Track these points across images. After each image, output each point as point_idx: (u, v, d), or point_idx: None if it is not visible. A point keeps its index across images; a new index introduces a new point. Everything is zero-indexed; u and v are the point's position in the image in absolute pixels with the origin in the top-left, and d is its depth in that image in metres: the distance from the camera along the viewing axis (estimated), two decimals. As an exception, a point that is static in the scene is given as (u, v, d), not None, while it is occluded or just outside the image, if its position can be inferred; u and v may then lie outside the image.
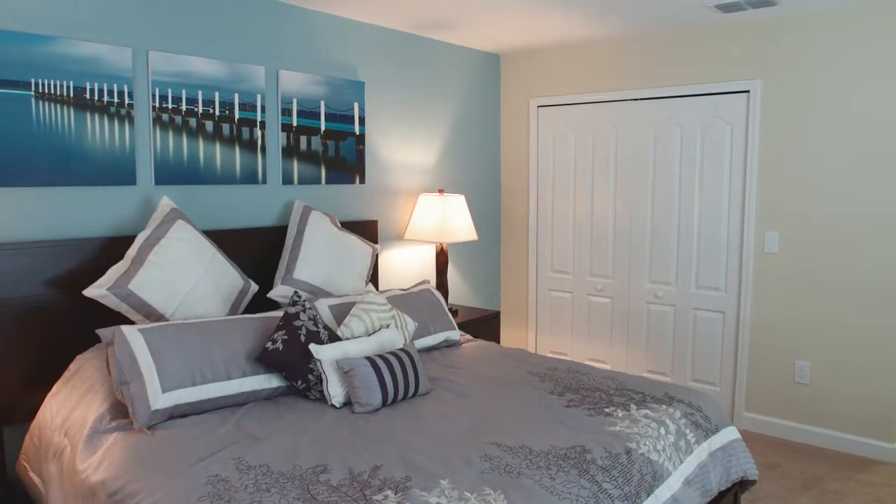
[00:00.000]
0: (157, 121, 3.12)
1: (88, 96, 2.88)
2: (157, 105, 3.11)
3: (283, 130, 3.66)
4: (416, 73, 4.49)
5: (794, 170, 4.02)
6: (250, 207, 3.55)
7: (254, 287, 3.20)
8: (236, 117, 3.43)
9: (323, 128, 3.87)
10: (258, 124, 3.53)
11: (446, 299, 4.32)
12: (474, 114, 5.02)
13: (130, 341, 2.46)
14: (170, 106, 3.16)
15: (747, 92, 4.14)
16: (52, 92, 2.76)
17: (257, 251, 3.50)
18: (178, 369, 2.47)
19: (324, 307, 3.21)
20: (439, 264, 4.36)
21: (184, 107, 3.21)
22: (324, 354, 2.69)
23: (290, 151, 3.71)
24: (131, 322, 2.99)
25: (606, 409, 2.61)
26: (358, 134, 4.07)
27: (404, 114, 4.43)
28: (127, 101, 3.00)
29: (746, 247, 4.20)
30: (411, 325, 3.25)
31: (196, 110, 3.26)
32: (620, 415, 2.56)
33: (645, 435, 2.39)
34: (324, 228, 3.53)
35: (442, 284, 4.37)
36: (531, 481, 2.00)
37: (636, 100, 4.59)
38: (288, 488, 1.94)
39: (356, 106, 4.03)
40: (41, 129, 2.74)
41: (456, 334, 3.61)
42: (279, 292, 3.30)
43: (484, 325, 4.38)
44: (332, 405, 2.64)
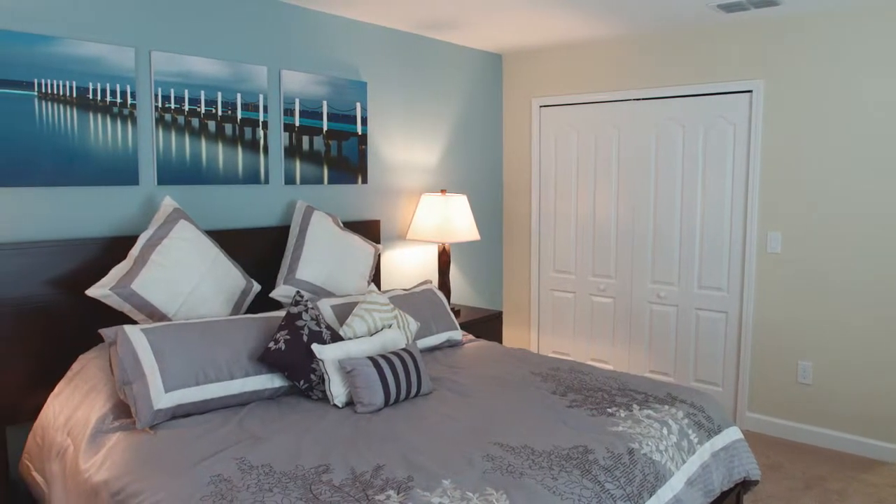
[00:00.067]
0: (160, 121, 3.12)
1: (91, 96, 2.88)
2: (160, 105, 3.12)
3: (285, 130, 3.66)
4: (419, 73, 4.49)
5: (797, 169, 4.01)
6: (253, 207, 3.55)
7: (256, 287, 3.21)
8: (239, 117, 3.43)
9: (325, 128, 3.87)
10: (261, 124, 3.53)
11: (448, 299, 4.32)
12: (476, 114, 5.02)
13: (133, 341, 2.47)
14: (172, 106, 3.16)
15: (750, 92, 4.14)
16: (55, 92, 2.77)
17: (260, 251, 3.50)
18: (181, 369, 2.47)
19: (326, 307, 3.21)
20: (441, 264, 4.36)
21: (186, 107, 3.21)
22: (326, 354, 2.69)
23: (292, 151, 3.71)
24: (134, 322, 2.99)
25: (609, 410, 2.61)
26: (360, 134, 4.07)
27: (406, 114, 4.43)
28: (130, 101, 3.01)
29: (749, 247, 4.19)
30: (413, 325, 3.25)
31: (198, 110, 3.26)
32: (623, 415, 2.56)
33: (647, 435, 2.39)
34: (326, 228, 3.53)
35: (444, 284, 4.37)
36: (533, 481, 1.99)
37: (638, 100, 4.59)
38: (290, 488, 1.94)
39: (358, 106, 4.04)
40: (44, 130, 2.75)
41: (458, 334, 3.61)
42: (281, 292, 3.30)
43: (486, 325, 4.38)
44: (335, 405, 2.64)
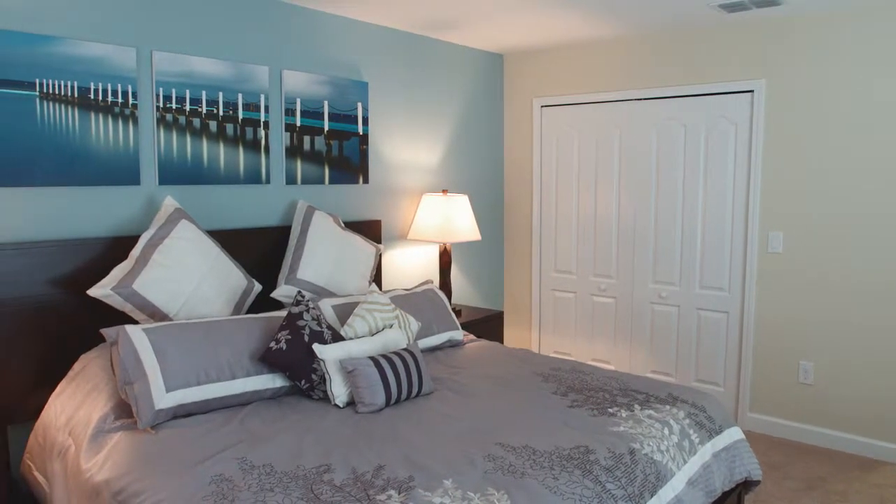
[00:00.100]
0: (161, 121, 3.12)
1: (93, 96, 2.88)
2: (161, 105, 3.12)
3: (286, 130, 3.66)
4: (420, 73, 4.49)
5: (799, 169, 4.01)
6: (254, 207, 3.55)
7: (257, 287, 3.21)
8: (240, 117, 3.43)
9: (326, 128, 3.87)
10: (262, 124, 3.54)
11: (450, 299, 4.32)
12: (478, 114, 5.02)
13: (134, 341, 2.47)
14: (174, 106, 3.16)
15: (751, 92, 4.13)
16: (56, 92, 2.77)
17: (261, 251, 3.51)
18: (182, 369, 2.47)
19: (327, 307, 3.21)
20: (443, 264, 4.36)
21: (188, 107, 3.21)
22: (327, 354, 2.69)
23: (293, 151, 3.71)
24: (135, 322, 3.00)
25: (610, 410, 2.61)
26: (361, 134, 4.07)
27: (408, 114, 4.43)
28: (131, 101, 3.01)
29: (750, 247, 4.19)
30: (415, 325, 3.25)
31: (200, 110, 3.26)
32: (624, 415, 2.56)
33: (648, 435, 2.39)
34: (327, 228, 3.53)
35: (445, 284, 4.37)
36: (535, 481, 1.99)
37: (640, 99, 4.58)
38: (291, 488, 1.94)
39: (360, 106, 4.04)
40: (45, 129, 2.75)
41: (459, 334, 3.61)
42: (283, 292, 3.30)
43: (487, 325, 4.38)
44: (336, 405, 2.64)
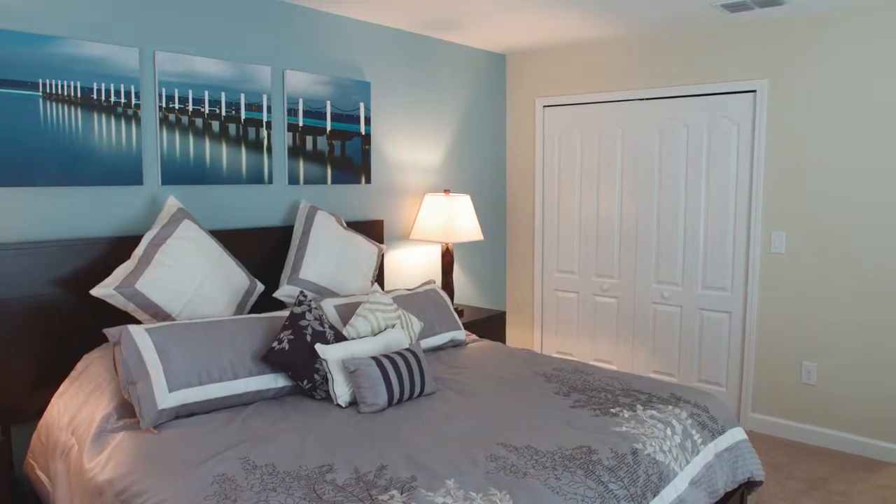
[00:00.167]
0: (164, 121, 3.13)
1: (95, 96, 2.89)
2: (164, 105, 3.12)
3: (289, 130, 3.67)
4: (422, 73, 4.49)
5: (801, 169, 4.00)
6: (256, 207, 3.56)
7: (260, 287, 3.21)
8: (242, 117, 3.44)
9: (329, 128, 3.87)
10: (264, 124, 3.54)
11: (452, 299, 4.32)
12: (480, 114, 5.02)
13: (137, 341, 2.47)
14: (176, 106, 3.17)
15: (754, 91, 4.13)
16: (59, 92, 2.78)
17: (263, 251, 3.51)
18: (185, 369, 2.48)
19: (329, 307, 3.21)
20: (445, 264, 4.36)
21: (190, 107, 3.22)
22: (329, 354, 2.69)
23: (296, 151, 3.71)
24: (138, 321, 3.00)
25: (612, 410, 2.61)
26: (364, 134, 4.07)
27: (410, 114, 4.43)
28: (134, 101, 3.01)
29: (753, 247, 4.18)
30: (417, 325, 3.25)
31: (202, 110, 3.26)
32: (626, 415, 2.55)
33: (651, 435, 2.39)
34: (330, 228, 3.54)
35: (447, 284, 4.37)
36: (537, 482, 1.99)
37: (642, 99, 4.58)
38: (294, 488, 1.94)
39: (362, 106, 4.04)
40: (49, 130, 2.76)
41: (461, 334, 3.61)
42: (285, 292, 3.30)
43: (489, 325, 4.38)
44: (338, 405, 2.64)
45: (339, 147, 3.93)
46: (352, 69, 4.00)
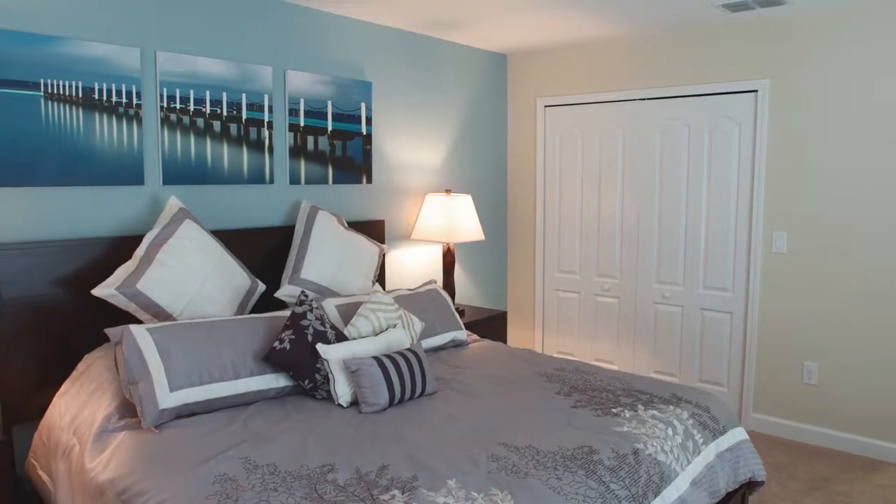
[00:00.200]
0: (165, 121, 3.13)
1: (97, 96, 2.89)
2: (165, 105, 3.12)
3: (290, 130, 3.67)
4: (424, 73, 4.49)
5: (803, 169, 4.00)
6: (258, 207, 3.56)
7: (261, 287, 3.21)
8: (244, 117, 3.44)
9: (330, 128, 3.87)
10: (265, 124, 3.54)
11: (453, 299, 4.32)
12: (481, 114, 5.02)
13: (138, 340, 2.47)
14: (178, 106, 3.17)
15: (755, 91, 4.13)
16: (61, 92, 2.78)
17: (265, 251, 3.51)
18: (186, 368, 2.48)
19: (331, 307, 3.21)
20: (446, 264, 4.36)
21: (192, 107, 3.22)
22: (331, 354, 2.69)
23: (297, 151, 3.71)
24: (139, 321, 3.00)
25: (614, 410, 2.61)
26: (365, 134, 4.07)
27: (411, 114, 4.43)
28: (135, 101, 3.02)
29: (754, 247, 4.18)
30: (418, 324, 3.25)
31: (204, 110, 3.27)
32: (628, 415, 2.55)
33: (652, 436, 2.39)
34: (331, 228, 3.54)
35: (449, 284, 4.37)
36: (538, 482, 1.99)
37: (644, 99, 4.58)
38: (295, 487, 1.94)
39: (363, 106, 4.04)
40: (50, 130, 2.76)
41: (463, 334, 3.61)
42: (286, 292, 3.30)
43: (491, 325, 4.38)
44: (339, 405, 2.64)
45: (340, 147, 3.94)
46: (353, 69, 4.00)
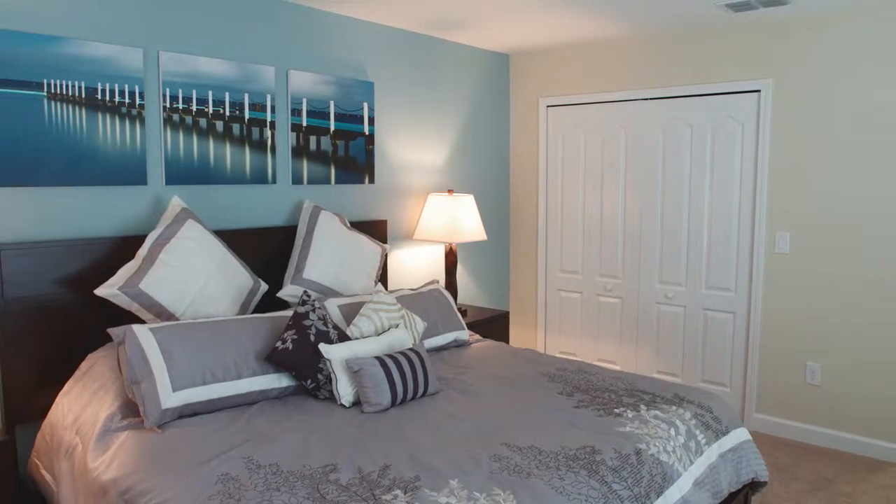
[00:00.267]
0: (168, 121, 3.13)
1: (100, 97, 2.90)
2: (168, 105, 3.13)
3: (292, 130, 3.67)
4: (426, 73, 4.49)
5: (806, 169, 3.99)
6: (260, 207, 3.56)
7: (263, 286, 3.21)
8: (246, 117, 3.44)
9: (332, 128, 3.87)
10: (268, 124, 3.54)
11: (455, 299, 4.32)
12: (484, 114, 5.02)
13: (141, 340, 2.48)
14: (180, 106, 3.17)
15: (758, 91, 4.12)
16: (64, 92, 2.78)
17: (267, 251, 3.51)
18: (189, 368, 2.48)
19: (333, 307, 3.21)
20: (448, 264, 4.36)
21: (194, 107, 3.22)
22: (333, 354, 2.70)
23: (299, 151, 3.72)
24: (142, 321, 3.01)
25: (616, 410, 2.60)
26: (367, 134, 4.07)
27: (414, 114, 4.43)
28: (138, 101, 3.02)
29: (757, 247, 4.18)
30: (420, 324, 3.25)
31: (206, 110, 3.27)
32: (630, 415, 2.55)
33: (655, 436, 2.38)
34: (333, 228, 3.54)
35: (451, 284, 4.37)
36: (541, 482, 1.99)
37: (646, 99, 4.57)
38: (297, 487, 1.94)
39: (366, 106, 4.04)
40: (53, 129, 2.76)
41: (465, 334, 3.60)
42: (289, 292, 3.31)
43: (493, 324, 4.38)
44: (342, 405, 2.64)
45: (342, 147, 3.94)
46: (355, 69, 4.01)
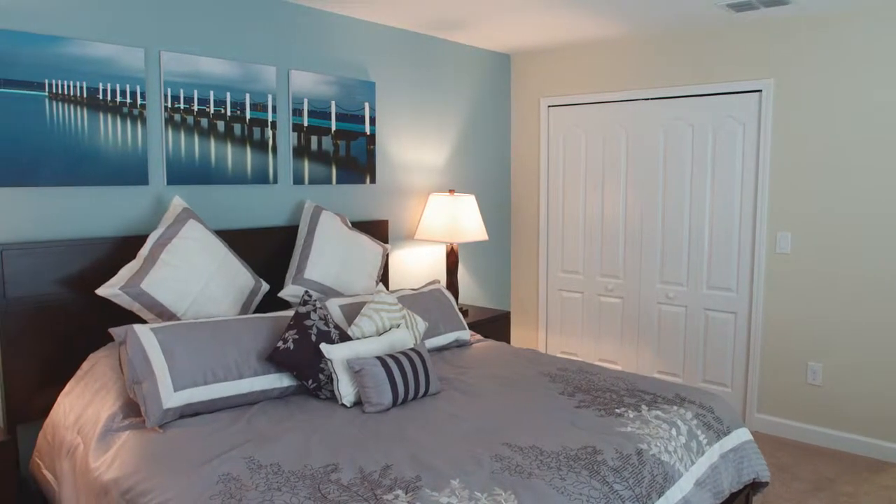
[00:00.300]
0: (170, 121, 3.14)
1: (101, 97, 2.90)
2: (170, 105, 3.13)
3: (293, 130, 3.67)
4: (427, 73, 4.49)
5: (807, 169, 3.99)
6: (261, 207, 3.56)
7: (265, 286, 3.21)
8: (247, 117, 3.44)
9: (334, 128, 3.88)
10: (269, 124, 3.54)
11: (457, 299, 4.32)
12: (485, 114, 5.02)
13: (143, 340, 2.48)
14: (182, 106, 3.17)
15: (759, 91, 4.12)
16: (65, 92, 2.78)
17: (268, 251, 3.51)
18: (190, 368, 2.48)
19: (334, 307, 3.21)
20: (450, 264, 4.36)
21: (195, 107, 3.22)
22: (334, 354, 2.70)
23: (300, 151, 3.72)
24: (143, 321, 3.01)
25: (617, 410, 2.60)
26: (368, 134, 4.07)
27: (415, 114, 4.43)
28: (139, 101, 3.02)
29: (758, 247, 4.17)
30: (422, 324, 3.25)
31: (208, 110, 3.27)
32: (631, 416, 2.55)
33: (656, 436, 2.38)
34: (334, 228, 3.54)
35: (452, 284, 4.37)
36: (542, 482, 1.99)
37: (647, 99, 4.57)
38: (299, 487, 1.94)
39: (367, 106, 4.04)
40: (55, 130, 2.77)
41: (466, 334, 3.60)
42: (290, 292, 3.31)
43: (494, 325, 4.38)
44: (343, 405, 2.64)
45: (343, 147, 3.94)
46: (356, 69, 4.01)
